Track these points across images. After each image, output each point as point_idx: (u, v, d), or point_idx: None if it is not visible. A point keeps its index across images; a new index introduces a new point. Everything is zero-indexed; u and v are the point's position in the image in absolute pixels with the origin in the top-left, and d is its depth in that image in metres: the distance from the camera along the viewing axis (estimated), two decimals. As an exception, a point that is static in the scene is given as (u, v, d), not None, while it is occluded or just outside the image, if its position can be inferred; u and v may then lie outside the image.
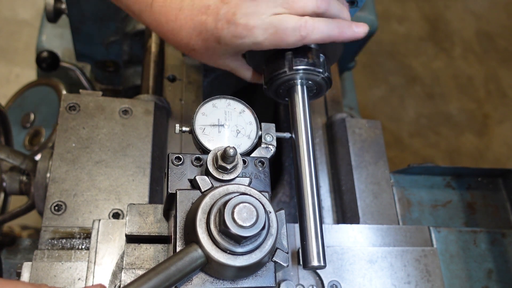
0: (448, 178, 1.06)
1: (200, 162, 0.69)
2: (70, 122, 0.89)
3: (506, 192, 1.06)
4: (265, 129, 0.78)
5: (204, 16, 0.77)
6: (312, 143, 0.79)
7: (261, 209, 0.58)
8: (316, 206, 0.73)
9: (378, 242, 0.88)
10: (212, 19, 0.76)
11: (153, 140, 0.92)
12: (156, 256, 0.68)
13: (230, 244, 0.57)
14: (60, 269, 0.74)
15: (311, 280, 0.81)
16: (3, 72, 2.57)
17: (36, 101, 1.51)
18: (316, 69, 0.81)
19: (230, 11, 0.75)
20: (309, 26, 0.75)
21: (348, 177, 0.98)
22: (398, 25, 3.31)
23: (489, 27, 3.43)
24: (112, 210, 0.84)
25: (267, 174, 0.72)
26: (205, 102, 0.78)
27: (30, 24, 2.70)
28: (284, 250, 0.63)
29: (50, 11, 1.32)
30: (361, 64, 2.92)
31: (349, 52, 1.50)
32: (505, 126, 3.05)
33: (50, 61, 1.37)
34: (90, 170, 0.86)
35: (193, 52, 0.82)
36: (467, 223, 1.02)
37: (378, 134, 1.03)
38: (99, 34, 1.34)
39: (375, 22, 1.41)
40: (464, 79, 3.19)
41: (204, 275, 0.61)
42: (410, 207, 1.00)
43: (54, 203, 0.82)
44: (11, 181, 0.97)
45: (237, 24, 0.74)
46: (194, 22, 0.78)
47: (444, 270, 0.88)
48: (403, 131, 2.91)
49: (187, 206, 0.63)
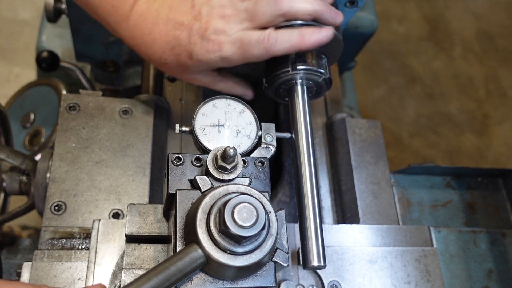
0: (448, 178, 1.06)
1: (200, 162, 0.69)
2: (70, 122, 0.89)
3: (506, 192, 1.06)
4: (265, 129, 0.78)
5: (178, 31, 0.79)
6: (312, 143, 0.79)
7: (261, 209, 0.58)
8: (316, 206, 0.73)
9: (378, 242, 0.88)
10: (186, 34, 0.78)
11: (153, 140, 0.92)
12: (156, 256, 0.68)
13: (230, 244, 0.57)
14: (60, 269, 0.74)
15: (311, 280, 0.81)
16: (3, 72, 2.57)
17: (36, 101, 1.51)
18: (317, 70, 0.81)
19: (202, 27, 0.77)
20: (271, 38, 0.76)
21: (348, 177, 0.98)
22: (398, 25, 3.31)
23: (489, 27, 3.43)
24: (112, 210, 0.84)
25: (267, 174, 0.72)
26: (205, 102, 0.78)
27: (30, 24, 2.70)
28: (284, 250, 0.63)
29: (50, 11, 1.31)
30: (361, 64, 2.92)
31: (349, 52, 1.50)
32: (505, 126, 3.05)
33: (50, 61, 1.36)
34: (90, 170, 0.86)
35: (165, 66, 0.84)
36: (467, 223, 1.02)
37: (378, 134, 1.03)
38: (99, 34, 1.33)
39: (375, 22, 1.41)
40: (464, 79, 3.19)
41: (204, 275, 0.61)
42: (410, 207, 1.00)
43: (54, 203, 0.82)
44: (11, 181, 0.97)
45: (208, 40, 0.77)
46: (168, 36, 0.80)
47: (444, 270, 0.88)
48: (403, 131, 2.91)
49: (187, 206, 0.63)
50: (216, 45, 0.77)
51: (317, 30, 0.78)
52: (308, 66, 0.81)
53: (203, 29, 0.78)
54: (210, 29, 0.77)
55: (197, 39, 0.78)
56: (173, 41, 0.80)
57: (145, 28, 0.82)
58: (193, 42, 0.78)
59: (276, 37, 0.77)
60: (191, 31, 0.78)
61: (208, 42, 0.77)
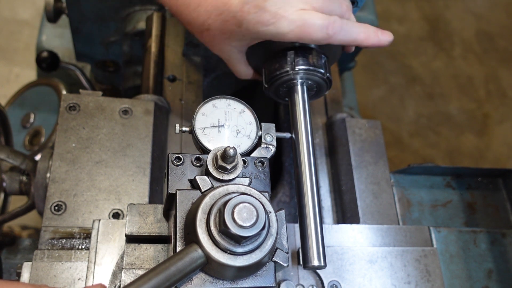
0: (448, 178, 1.06)
1: (200, 162, 0.69)
2: (70, 122, 0.89)
3: (506, 192, 1.06)
4: (265, 129, 0.78)
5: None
6: (312, 143, 0.79)
7: (261, 209, 0.58)
8: (316, 206, 0.73)
9: (378, 242, 0.88)
10: (238, 1, 0.75)
11: (153, 140, 0.92)
12: (156, 256, 0.68)
13: (230, 244, 0.57)
14: (60, 269, 0.74)
15: (311, 280, 0.81)
16: (3, 72, 2.57)
17: (36, 101, 1.51)
18: (317, 70, 0.81)
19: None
20: (337, 25, 0.75)
21: (348, 177, 0.98)
22: (398, 25, 3.31)
23: (489, 27, 3.43)
24: (112, 210, 0.84)
25: (267, 174, 0.72)
26: (205, 102, 0.78)
27: (30, 24, 2.70)
28: (284, 250, 0.63)
29: (50, 11, 1.32)
30: (361, 64, 2.92)
31: (349, 52, 1.50)
32: (505, 126, 3.05)
33: (50, 61, 1.36)
34: (90, 170, 0.86)
35: (206, 32, 0.81)
36: (467, 223, 1.02)
37: (378, 134, 1.03)
38: (99, 34, 1.34)
39: (375, 22, 1.41)
40: (464, 79, 3.19)
41: (204, 275, 0.61)
42: (410, 207, 1.00)
43: (54, 203, 0.82)
44: (11, 181, 0.97)
45: (266, 10, 0.74)
46: (216, 1, 0.77)
47: (444, 270, 0.88)
48: (403, 131, 2.91)
49: (187, 206, 0.63)
50: (273, 18, 0.74)
51: (380, 32, 0.78)
52: (308, 66, 0.81)
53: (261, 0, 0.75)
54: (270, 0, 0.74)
55: (251, 8, 0.74)
56: (222, 7, 0.77)
57: None
58: (246, 10, 0.75)
59: (341, 26, 0.75)
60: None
61: (265, 12, 0.74)
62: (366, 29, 0.78)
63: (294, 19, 0.74)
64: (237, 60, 0.87)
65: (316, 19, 0.75)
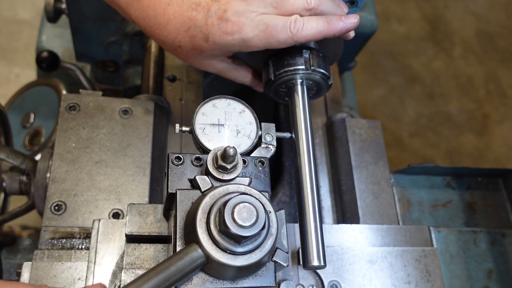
0: (448, 178, 1.06)
1: (200, 162, 0.69)
2: (70, 122, 0.89)
3: (506, 192, 1.06)
4: (265, 129, 0.78)
5: (194, 12, 0.77)
6: (312, 143, 0.79)
7: (261, 209, 0.58)
8: (316, 206, 0.73)
9: (378, 242, 0.88)
10: (203, 15, 0.76)
11: (153, 140, 0.92)
12: (156, 256, 0.68)
13: (230, 244, 0.57)
14: (60, 269, 0.74)
15: (311, 280, 0.81)
16: (3, 72, 2.57)
17: (36, 101, 1.51)
18: (317, 69, 0.81)
19: (221, 8, 0.75)
20: (298, 23, 0.75)
21: (348, 177, 0.98)
22: (398, 25, 3.31)
23: (489, 27, 3.43)
24: (112, 210, 0.84)
25: (267, 174, 0.72)
26: (205, 102, 0.78)
27: (30, 24, 2.70)
28: (284, 250, 0.63)
29: (50, 11, 1.32)
30: (361, 64, 2.92)
31: (349, 52, 1.50)
32: (505, 126, 3.05)
33: (50, 61, 1.37)
34: (90, 170, 0.86)
35: (179, 49, 0.82)
36: (467, 223, 1.02)
37: (378, 134, 1.03)
38: (99, 34, 1.34)
39: (375, 22, 1.41)
40: (464, 79, 3.19)
41: (204, 275, 0.61)
42: (410, 207, 1.00)
43: (54, 203, 0.82)
44: (11, 181, 0.97)
45: (228, 21, 0.75)
46: (183, 17, 0.78)
47: (444, 270, 0.88)
48: (403, 131, 2.91)
49: (187, 206, 0.63)
50: (236, 26, 0.75)
51: (344, 17, 0.78)
52: (308, 66, 0.81)
53: (222, 10, 0.75)
54: (230, 10, 0.75)
55: (214, 20, 0.75)
56: (188, 22, 0.77)
57: (158, 8, 0.79)
58: (210, 23, 0.76)
59: (303, 22, 0.75)
60: (208, 12, 0.76)
61: (227, 23, 0.75)
62: (329, 18, 0.77)
63: (256, 24, 0.75)
64: (226, 69, 0.87)
65: (277, 21, 0.75)
